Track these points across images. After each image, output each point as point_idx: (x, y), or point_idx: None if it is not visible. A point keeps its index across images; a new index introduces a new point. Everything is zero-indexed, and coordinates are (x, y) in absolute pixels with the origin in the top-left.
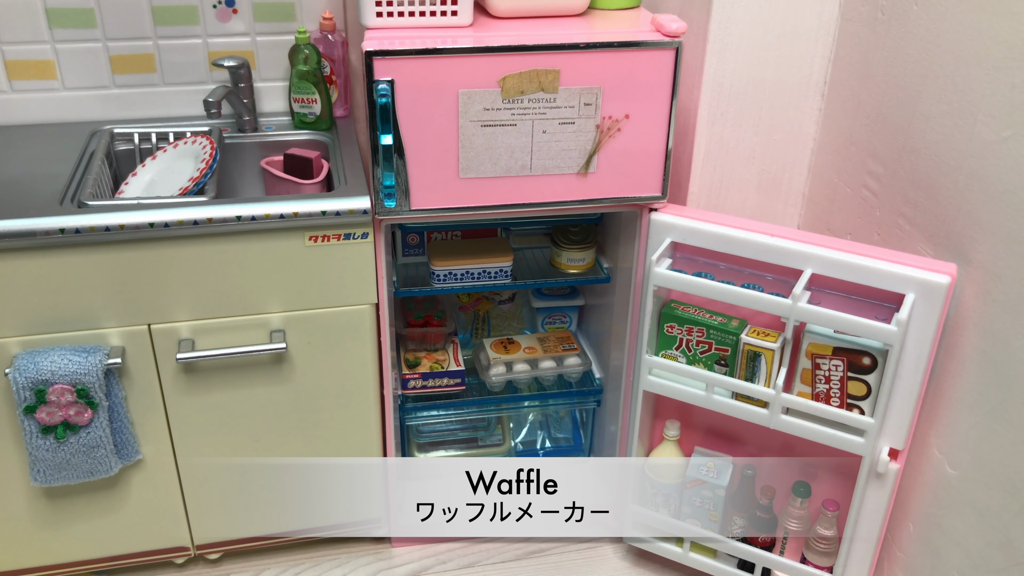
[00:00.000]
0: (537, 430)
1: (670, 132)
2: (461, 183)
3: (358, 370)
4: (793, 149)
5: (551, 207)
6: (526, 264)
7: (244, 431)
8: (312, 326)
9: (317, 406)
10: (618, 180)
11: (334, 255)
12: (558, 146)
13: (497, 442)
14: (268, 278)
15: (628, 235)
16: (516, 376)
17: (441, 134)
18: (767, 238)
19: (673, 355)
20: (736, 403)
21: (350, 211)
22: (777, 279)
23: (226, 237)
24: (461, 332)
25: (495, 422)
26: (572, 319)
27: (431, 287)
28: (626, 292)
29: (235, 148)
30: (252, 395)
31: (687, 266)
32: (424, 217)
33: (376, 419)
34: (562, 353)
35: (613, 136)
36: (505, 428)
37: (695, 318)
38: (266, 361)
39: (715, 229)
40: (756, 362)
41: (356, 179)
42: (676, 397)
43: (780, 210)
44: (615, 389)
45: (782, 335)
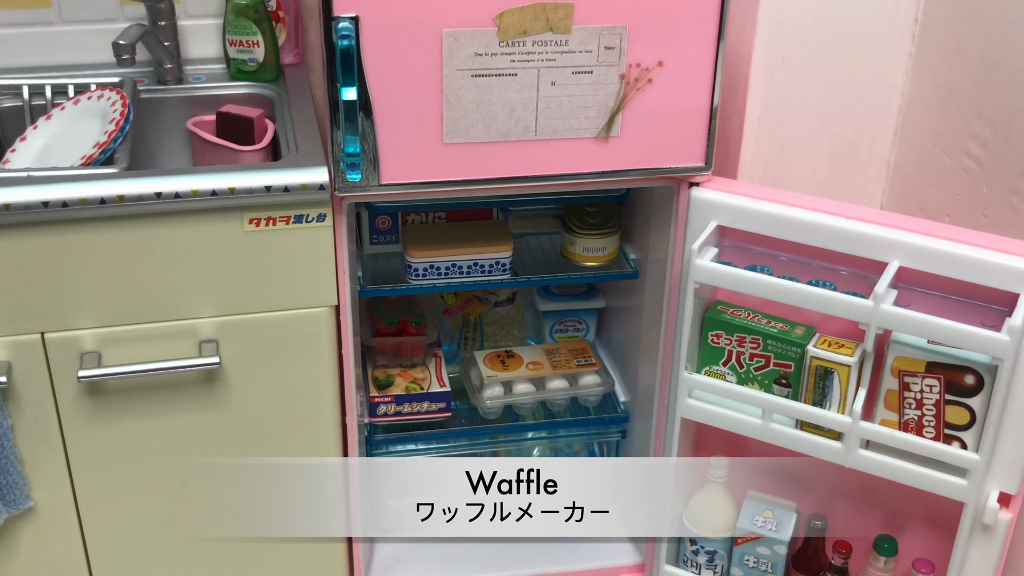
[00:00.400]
0: None
1: (716, 84)
2: (446, 150)
3: (313, 392)
4: (875, 106)
5: (562, 181)
6: (530, 255)
7: (165, 472)
8: (253, 335)
9: (260, 439)
10: (649, 146)
11: (282, 243)
12: (571, 102)
13: None
14: (196, 273)
15: (662, 217)
16: (517, 400)
17: (420, 87)
18: (841, 221)
19: (720, 372)
20: (801, 434)
21: (302, 186)
22: (854, 274)
23: (142, 220)
24: (446, 343)
25: None
26: (589, 326)
27: (407, 284)
28: (659, 291)
29: (154, 105)
30: (176, 425)
31: (738, 257)
32: (398, 194)
33: (336, 455)
34: (576, 370)
35: (642, 89)
36: None
37: (748, 324)
38: (194, 381)
39: (774, 209)
40: (827, 381)
41: (310, 145)
42: (724, 427)
43: (858, 185)
44: (645, 416)
45: (860, 346)
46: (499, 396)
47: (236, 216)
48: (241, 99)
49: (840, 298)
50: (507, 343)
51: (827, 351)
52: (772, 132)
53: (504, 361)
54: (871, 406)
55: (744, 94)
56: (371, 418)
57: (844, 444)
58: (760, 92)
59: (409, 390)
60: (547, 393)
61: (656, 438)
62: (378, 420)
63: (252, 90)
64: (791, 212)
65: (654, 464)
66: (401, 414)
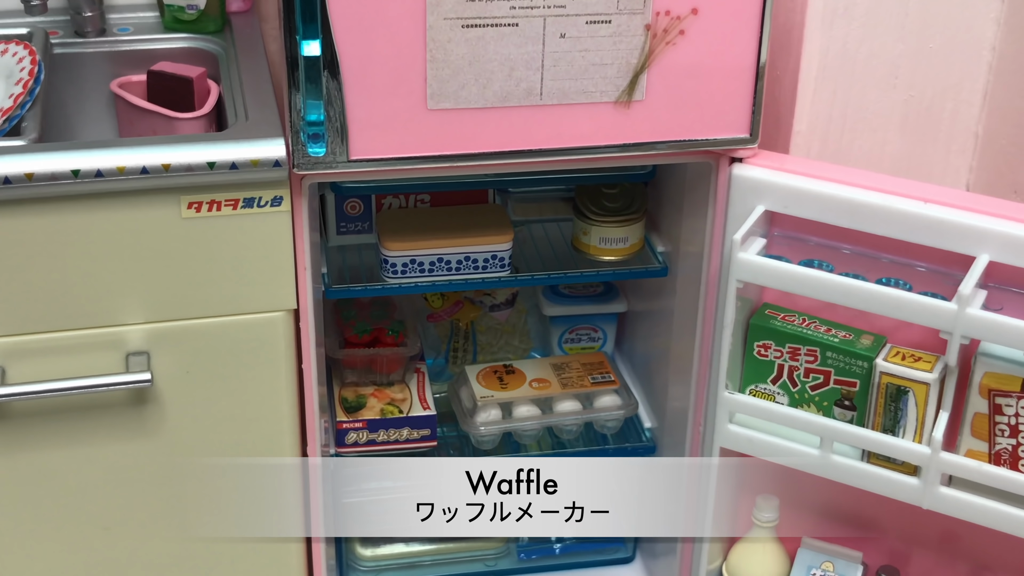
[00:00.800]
0: None
1: (763, 38)
2: (430, 118)
3: (266, 417)
4: (959, 64)
5: (574, 156)
6: (534, 247)
7: (85, 515)
8: (192, 347)
9: (201, 475)
10: (680, 113)
11: (228, 233)
12: (585, 59)
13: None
14: (123, 270)
15: (696, 201)
16: (518, 426)
17: (398, 39)
18: (918, 205)
19: (768, 392)
20: (868, 468)
21: (253, 162)
22: (934, 270)
23: (55, 204)
24: (430, 356)
25: None
26: (607, 335)
27: (382, 284)
28: (693, 292)
29: (71, 62)
30: (97, 457)
31: (790, 250)
32: (371, 172)
33: (296, 493)
34: (591, 388)
35: (672, 43)
36: None
37: (803, 333)
38: (120, 402)
39: (834, 191)
40: (900, 403)
41: (262, 111)
42: (772, 458)
43: (939, 161)
44: (675, 446)
45: (941, 360)
46: (496, 421)
47: (172, 199)
48: (178, 55)
49: (917, 300)
50: (506, 356)
51: (900, 366)
52: (832, 96)
53: (502, 378)
54: (954, 433)
55: (798, 49)
56: (338, 448)
57: (921, 480)
58: (818, 46)
59: (385, 413)
60: (555, 417)
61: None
62: (347, 450)
63: (191, 44)
64: (855, 194)
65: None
66: (375, 443)
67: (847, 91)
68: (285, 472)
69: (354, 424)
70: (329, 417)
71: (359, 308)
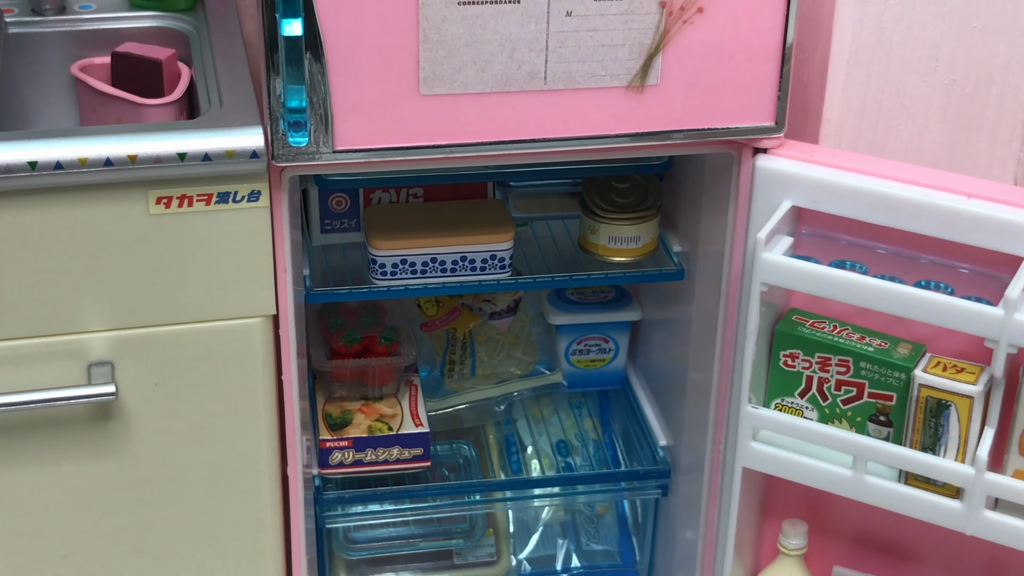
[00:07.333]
0: (558, 538)
1: (789, 15)
2: (423, 104)
3: (242, 434)
4: (1006, 45)
5: (581, 146)
6: (537, 247)
7: (42, 539)
8: (161, 356)
9: (171, 497)
10: (698, 99)
11: (200, 231)
12: (594, 39)
13: (487, 559)
14: (85, 271)
15: (716, 196)
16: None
17: (388, 17)
18: (961, 201)
19: (796, 406)
20: (906, 489)
21: (228, 153)
22: (978, 272)
23: (10, 199)
24: (424, 367)
25: (482, 524)
26: (619, 346)
27: (370, 287)
28: (713, 295)
29: (27, 42)
30: (57, 478)
31: (820, 250)
32: (358, 163)
33: (274, 520)
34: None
35: (690, 22)
36: (501, 535)
37: (834, 341)
38: (81, 418)
39: (869, 185)
40: (942, 418)
41: (239, 97)
42: (800, 479)
43: (984, 151)
44: (693, 467)
45: (987, 371)
46: None
47: (139, 194)
48: (145, 35)
49: (959, 305)
50: (507, 367)
51: (941, 377)
52: (867, 80)
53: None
54: (1001, 451)
55: (829, 28)
56: (322, 469)
57: (965, 503)
58: (850, 25)
59: (374, 431)
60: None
61: (709, 495)
62: (332, 472)
63: (160, 23)
64: (891, 188)
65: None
66: (362, 463)
67: (882, 75)
68: (262, 494)
69: (339, 443)
70: (312, 435)
71: (346, 315)
